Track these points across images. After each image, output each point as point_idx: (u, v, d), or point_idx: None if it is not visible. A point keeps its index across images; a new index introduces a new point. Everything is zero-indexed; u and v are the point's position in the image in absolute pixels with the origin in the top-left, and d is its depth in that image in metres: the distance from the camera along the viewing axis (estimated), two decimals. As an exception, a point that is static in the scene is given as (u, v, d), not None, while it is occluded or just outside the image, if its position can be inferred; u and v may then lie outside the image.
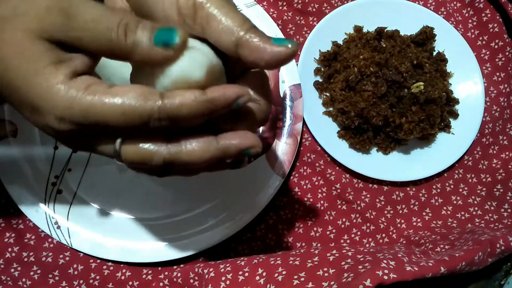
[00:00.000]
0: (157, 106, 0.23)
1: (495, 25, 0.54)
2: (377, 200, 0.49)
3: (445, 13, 0.55)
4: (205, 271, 0.40)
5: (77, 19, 0.23)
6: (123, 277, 0.44)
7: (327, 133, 0.49)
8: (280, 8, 0.52)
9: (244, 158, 0.29)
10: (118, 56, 0.24)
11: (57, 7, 0.23)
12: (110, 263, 0.44)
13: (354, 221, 0.48)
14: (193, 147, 0.24)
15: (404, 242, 0.47)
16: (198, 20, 0.24)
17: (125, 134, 0.24)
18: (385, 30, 0.51)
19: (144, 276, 0.44)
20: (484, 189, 0.51)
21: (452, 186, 0.50)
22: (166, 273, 0.44)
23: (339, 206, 0.48)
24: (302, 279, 0.37)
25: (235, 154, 0.25)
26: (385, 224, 0.48)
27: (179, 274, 0.43)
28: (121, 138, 0.24)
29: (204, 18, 0.24)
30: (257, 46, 0.24)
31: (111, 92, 0.23)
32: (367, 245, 0.48)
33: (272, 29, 0.49)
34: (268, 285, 0.37)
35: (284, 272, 0.38)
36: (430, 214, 0.49)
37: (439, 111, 0.47)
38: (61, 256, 0.44)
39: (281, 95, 0.48)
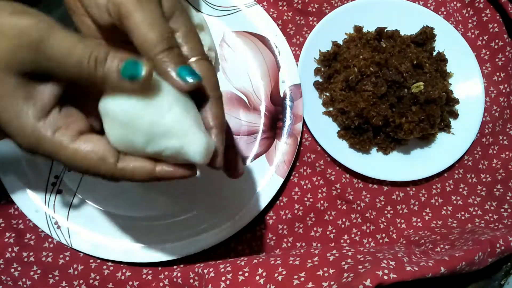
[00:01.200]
0: (112, 171, 0.26)
1: (495, 25, 0.54)
2: (377, 200, 0.49)
3: (445, 13, 0.55)
4: (205, 271, 0.40)
5: (48, 54, 0.24)
6: (123, 277, 0.44)
7: (327, 133, 0.49)
8: (280, 8, 0.52)
9: (238, 168, 0.33)
10: (89, 85, 0.26)
11: (27, 42, 0.24)
12: (110, 263, 0.44)
13: (354, 221, 0.48)
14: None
15: (404, 242, 0.47)
16: (125, 24, 0.26)
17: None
18: (385, 30, 0.51)
19: (144, 276, 0.44)
20: (484, 189, 0.51)
21: (452, 186, 0.50)
22: (166, 273, 0.44)
23: (339, 206, 0.48)
24: (302, 279, 0.37)
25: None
26: (385, 224, 0.48)
27: (179, 274, 0.43)
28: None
29: (130, 28, 0.26)
30: (164, 71, 0.26)
31: (74, 146, 0.26)
32: (367, 245, 0.48)
33: (272, 29, 0.49)
34: (268, 285, 0.37)
35: (284, 272, 0.38)
36: (430, 214, 0.49)
37: (439, 111, 0.47)
38: (61, 256, 0.44)
39: (281, 95, 0.48)
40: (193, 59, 0.28)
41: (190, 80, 0.26)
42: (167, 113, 0.26)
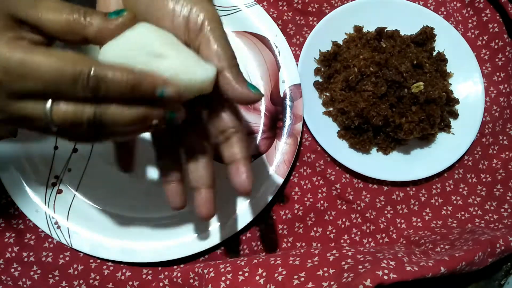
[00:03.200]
0: (89, 68, 0.25)
1: (495, 25, 0.54)
2: (377, 200, 0.49)
3: (445, 13, 0.55)
4: (205, 271, 0.40)
5: (44, 1, 0.27)
6: (123, 277, 0.44)
7: (327, 133, 0.49)
8: (280, 8, 0.52)
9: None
10: (75, 33, 0.27)
11: None
12: (110, 263, 0.44)
13: (354, 221, 0.48)
14: (117, 105, 0.26)
15: (404, 242, 0.47)
16: (199, 38, 0.29)
17: (55, 95, 0.26)
18: (385, 30, 0.51)
19: (144, 276, 0.44)
20: (484, 189, 0.51)
21: (452, 186, 0.50)
22: (166, 273, 0.44)
23: (339, 206, 0.48)
24: (302, 279, 0.37)
25: (149, 88, 0.27)
26: (385, 224, 0.48)
27: (179, 274, 0.43)
28: (52, 100, 0.26)
29: (204, 40, 0.29)
30: (232, 81, 0.29)
31: (50, 51, 0.25)
32: (367, 245, 0.48)
33: (272, 29, 0.49)
34: (268, 285, 0.37)
35: (284, 272, 0.38)
36: (430, 214, 0.49)
37: (439, 111, 0.47)
38: (61, 256, 0.44)
39: (281, 95, 0.48)
40: None
41: (254, 92, 0.29)
42: (165, 46, 0.28)
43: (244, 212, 0.45)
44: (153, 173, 0.46)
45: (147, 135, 0.34)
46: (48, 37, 0.27)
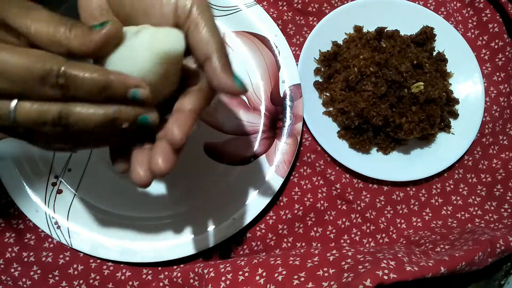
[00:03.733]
0: (59, 66, 0.25)
1: (495, 25, 0.54)
2: (377, 200, 0.49)
3: (445, 13, 0.55)
4: (205, 271, 0.40)
5: (34, 12, 0.26)
6: (123, 277, 0.44)
7: (327, 133, 0.49)
8: (280, 8, 0.52)
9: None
10: (60, 44, 0.26)
11: (20, 2, 0.27)
12: (110, 263, 0.44)
13: (354, 221, 0.48)
14: (85, 104, 0.26)
15: (404, 242, 0.47)
16: (187, 24, 0.28)
17: (22, 94, 0.25)
18: (385, 30, 0.51)
19: (144, 276, 0.44)
20: (484, 189, 0.51)
21: (452, 186, 0.50)
22: (166, 273, 0.44)
23: (339, 206, 0.48)
24: (302, 279, 0.37)
25: (121, 89, 0.26)
26: (385, 224, 0.48)
27: (179, 274, 0.43)
28: (17, 99, 0.25)
29: (193, 24, 0.28)
30: (219, 69, 0.28)
31: (18, 48, 0.25)
32: (367, 245, 0.48)
33: (272, 29, 0.49)
34: (268, 285, 0.37)
35: (284, 272, 0.38)
36: (430, 214, 0.49)
37: (439, 111, 0.47)
38: (61, 256, 0.44)
39: (281, 95, 0.48)
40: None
41: (238, 84, 0.28)
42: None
43: (244, 212, 0.45)
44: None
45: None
46: (31, 45, 0.27)
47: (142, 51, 0.27)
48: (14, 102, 0.25)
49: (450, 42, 0.52)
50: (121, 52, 0.27)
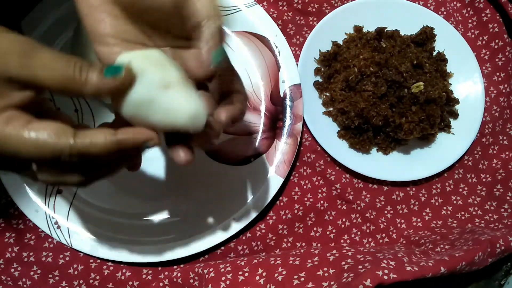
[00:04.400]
0: (69, 144, 0.25)
1: (495, 25, 0.54)
2: (377, 200, 0.49)
3: (445, 13, 0.55)
4: (205, 271, 0.40)
5: (37, 58, 0.26)
6: (123, 277, 0.44)
7: (327, 133, 0.49)
8: (280, 8, 0.52)
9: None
10: (71, 90, 0.26)
11: (17, 49, 0.25)
12: (110, 263, 0.44)
13: (354, 221, 0.48)
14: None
15: (404, 242, 0.47)
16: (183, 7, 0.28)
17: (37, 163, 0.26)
18: (385, 30, 0.51)
19: (144, 276, 0.44)
20: (484, 189, 0.51)
21: (452, 186, 0.50)
22: (166, 273, 0.44)
23: (339, 206, 0.48)
24: (302, 279, 0.37)
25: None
26: (385, 224, 0.48)
27: (179, 274, 0.43)
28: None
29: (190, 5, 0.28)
30: (205, 40, 0.28)
31: (28, 127, 0.25)
32: (367, 245, 0.48)
33: (272, 29, 0.49)
34: (268, 285, 0.37)
35: (284, 272, 0.38)
36: (430, 214, 0.49)
37: (439, 111, 0.47)
38: (61, 256, 0.44)
39: (281, 95, 0.48)
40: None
41: (216, 58, 0.28)
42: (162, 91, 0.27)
43: (244, 212, 0.45)
44: (153, 173, 0.46)
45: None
46: (41, 90, 0.27)
47: (168, 114, 0.27)
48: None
49: (450, 42, 0.52)
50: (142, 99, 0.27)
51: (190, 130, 0.28)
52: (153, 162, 0.46)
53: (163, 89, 0.27)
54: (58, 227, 0.44)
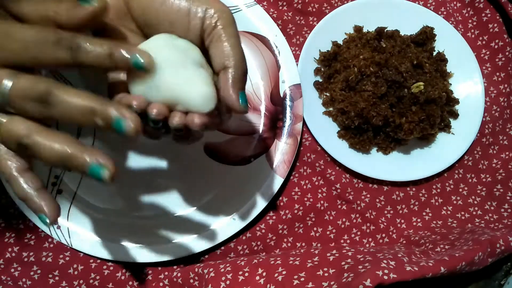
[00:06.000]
0: (71, 35, 0.27)
1: (495, 25, 0.54)
2: (377, 200, 0.49)
3: (445, 13, 0.55)
4: (205, 271, 0.40)
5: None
6: (123, 277, 0.44)
7: (327, 133, 0.49)
8: (280, 8, 0.52)
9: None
10: (48, 22, 0.28)
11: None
12: (110, 263, 0.44)
13: (354, 221, 0.48)
14: (71, 90, 0.27)
15: (404, 242, 0.47)
16: (211, 36, 0.30)
17: (34, 58, 0.27)
18: (385, 30, 0.51)
19: (144, 276, 0.44)
20: (484, 189, 0.51)
21: (452, 186, 0.50)
22: (166, 273, 0.44)
23: (339, 206, 0.48)
24: (302, 279, 0.37)
25: (107, 121, 0.27)
26: (385, 224, 0.48)
27: (179, 274, 0.43)
28: (14, 72, 0.27)
29: (216, 36, 0.29)
30: (230, 82, 0.29)
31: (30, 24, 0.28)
32: (367, 245, 0.48)
33: (272, 29, 0.49)
34: (268, 285, 0.37)
35: (284, 272, 0.38)
36: (430, 214, 0.49)
37: (439, 111, 0.47)
38: (61, 256, 0.44)
39: (281, 95, 0.48)
40: None
41: (243, 105, 0.29)
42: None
43: (244, 212, 0.45)
44: (153, 172, 0.46)
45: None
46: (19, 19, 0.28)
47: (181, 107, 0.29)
48: (10, 79, 0.26)
49: (450, 42, 0.52)
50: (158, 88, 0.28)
51: (198, 109, 0.29)
52: (153, 162, 0.46)
53: (182, 68, 0.29)
54: (58, 227, 0.44)
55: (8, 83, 0.26)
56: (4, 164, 0.28)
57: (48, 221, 0.29)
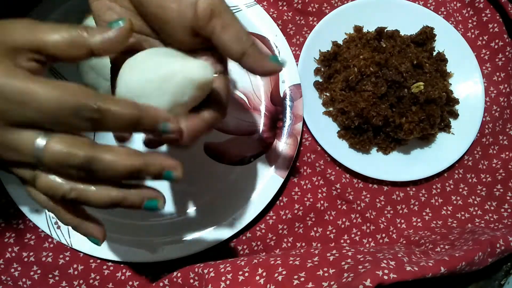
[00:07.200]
0: (93, 101, 0.24)
1: (495, 25, 0.54)
2: (377, 200, 0.49)
3: (445, 13, 0.55)
4: (205, 271, 0.40)
5: (40, 26, 0.26)
6: (123, 277, 0.44)
7: (327, 133, 0.49)
8: (280, 8, 0.52)
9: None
10: (77, 47, 0.27)
11: (21, 23, 0.27)
12: (110, 263, 0.44)
13: (354, 221, 0.48)
14: (117, 151, 0.26)
15: (404, 242, 0.47)
16: (211, 25, 0.29)
17: (52, 127, 0.25)
18: (385, 30, 0.51)
19: (144, 276, 0.44)
20: (484, 189, 0.51)
21: (452, 186, 0.50)
22: (166, 273, 0.44)
23: (339, 206, 0.48)
24: (302, 279, 0.37)
25: (155, 172, 0.28)
26: (385, 224, 0.48)
27: (179, 274, 0.43)
28: (45, 133, 0.25)
29: (219, 26, 0.28)
30: (259, 60, 0.30)
31: (50, 81, 0.25)
32: (367, 245, 0.48)
33: (272, 29, 0.49)
34: (268, 285, 0.37)
35: (284, 272, 0.38)
36: (430, 214, 0.49)
37: (439, 111, 0.47)
38: (61, 256, 0.44)
39: (281, 95, 0.48)
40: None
41: (279, 63, 0.30)
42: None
43: (244, 212, 0.45)
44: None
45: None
46: (50, 60, 0.27)
47: (180, 79, 0.27)
48: (43, 140, 0.25)
49: (450, 42, 0.52)
50: (149, 77, 0.28)
51: (200, 78, 0.28)
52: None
53: (172, 57, 0.29)
54: (58, 227, 0.44)
55: (41, 143, 0.25)
56: (44, 198, 0.28)
57: (99, 244, 0.31)
